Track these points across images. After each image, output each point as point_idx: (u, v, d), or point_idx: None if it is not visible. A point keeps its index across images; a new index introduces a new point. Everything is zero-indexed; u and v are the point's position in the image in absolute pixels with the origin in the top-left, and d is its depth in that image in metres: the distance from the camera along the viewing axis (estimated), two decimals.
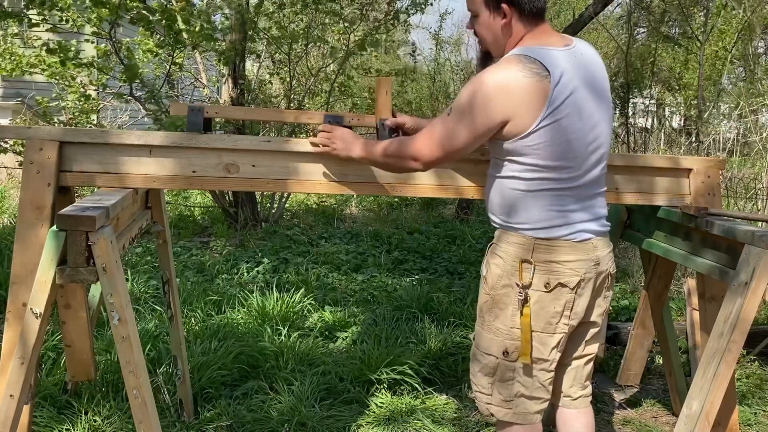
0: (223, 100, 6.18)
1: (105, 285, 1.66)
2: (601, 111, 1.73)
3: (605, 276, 1.80)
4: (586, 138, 1.68)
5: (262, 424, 2.56)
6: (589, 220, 1.74)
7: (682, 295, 4.06)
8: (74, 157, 1.86)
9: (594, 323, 1.86)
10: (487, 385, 1.83)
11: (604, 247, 1.78)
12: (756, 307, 1.83)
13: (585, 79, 1.69)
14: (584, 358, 1.89)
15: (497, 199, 1.77)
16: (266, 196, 6.49)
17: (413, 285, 4.35)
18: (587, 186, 1.73)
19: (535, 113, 1.62)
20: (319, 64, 6.77)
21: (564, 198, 1.70)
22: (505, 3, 1.69)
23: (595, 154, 1.72)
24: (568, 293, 1.72)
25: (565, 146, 1.65)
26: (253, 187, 2.01)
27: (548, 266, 1.70)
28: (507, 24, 1.71)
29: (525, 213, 1.71)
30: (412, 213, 7.39)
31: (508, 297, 1.74)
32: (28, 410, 1.87)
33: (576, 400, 1.91)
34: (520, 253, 1.72)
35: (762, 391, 3.09)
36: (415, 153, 1.74)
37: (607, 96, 1.77)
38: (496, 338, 1.78)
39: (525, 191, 1.70)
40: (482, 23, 1.76)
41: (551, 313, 1.73)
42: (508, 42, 1.74)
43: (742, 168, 6.21)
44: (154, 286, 4.01)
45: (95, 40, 4.95)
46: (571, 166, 1.68)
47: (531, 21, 1.71)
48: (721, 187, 2.36)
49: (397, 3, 6.73)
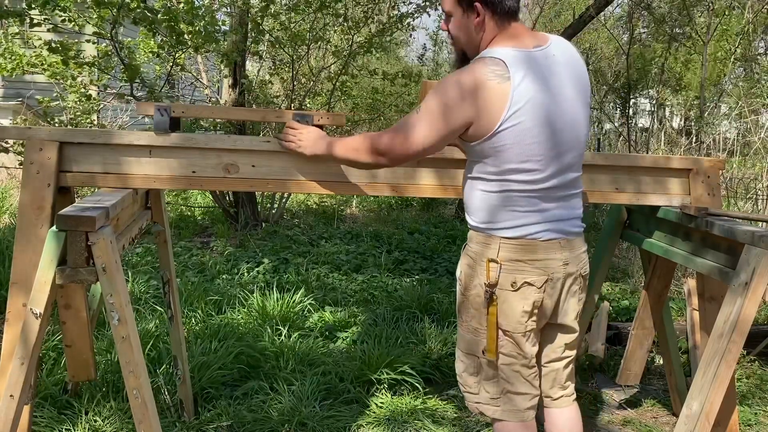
0: (224, 101, 6.18)
1: (105, 285, 1.66)
2: (573, 113, 1.72)
3: (575, 277, 1.80)
4: (552, 140, 1.68)
5: (262, 424, 2.56)
6: (558, 220, 1.74)
7: (682, 295, 4.05)
8: (74, 158, 1.86)
9: (568, 327, 1.85)
10: (473, 384, 1.86)
11: (574, 248, 1.78)
12: (756, 308, 1.83)
13: (554, 81, 1.69)
14: (563, 360, 1.89)
15: (468, 199, 1.80)
16: (266, 196, 6.49)
17: (413, 285, 4.35)
18: (557, 188, 1.73)
19: (496, 115, 1.63)
20: (321, 64, 6.77)
21: (530, 199, 1.70)
22: (478, 2, 1.70)
23: (565, 157, 1.72)
24: (536, 292, 1.73)
25: (528, 149, 1.66)
26: (253, 187, 2.01)
27: (514, 265, 1.72)
28: (480, 23, 1.72)
29: (492, 213, 1.73)
30: (413, 213, 7.40)
31: (479, 297, 1.76)
32: (28, 410, 1.87)
33: (557, 400, 1.91)
34: (487, 252, 1.73)
35: (762, 391, 3.09)
36: (382, 148, 1.73)
37: (583, 97, 1.76)
38: (475, 338, 1.80)
39: (490, 192, 1.72)
40: (456, 23, 1.77)
41: (519, 312, 1.74)
42: (481, 42, 1.74)
43: (742, 168, 6.21)
44: (154, 286, 4.01)
45: (96, 40, 4.95)
46: (536, 169, 1.68)
47: (503, 21, 1.72)
48: (721, 188, 2.35)
49: (401, 7, 6.75)
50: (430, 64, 10.64)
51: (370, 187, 2.02)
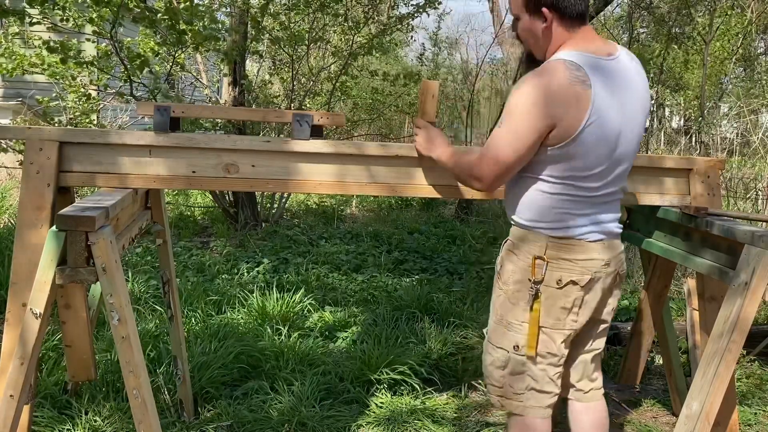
0: (223, 101, 6.18)
1: (105, 285, 1.66)
2: (633, 127, 1.74)
3: (615, 276, 1.84)
4: (613, 151, 1.70)
5: (262, 424, 2.56)
6: (603, 222, 1.78)
7: (682, 295, 4.05)
8: (74, 158, 1.86)
9: (603, 320, 1.91)
10: (498, 378, 1.87)
11: (615, 248, 1.83)
12: (756, 308, 1.83)
13: (623, 94, 1.70)
14: (591, 353, 1.94)
15: (519, 197, 1.79)
16: (266, 196, 6.49)
17: (413, 285, 4.35)
18: (606, 195, 1.77)
19: (577, 121, 1.62)
20: (321, 64, 6.77)
21: (582, 203, 1.73)
22: (545, 7, 1.69)
23: (620, 168, 1.75)
24: (578, 291, 1.76)
25: (595, 158, 1.68)
26: (253, 187, 2.01)
27: (560, 264, 1.74)
28: (548, 28, 1.72)
29: (542, 213, 1.74)
30: (412, 213, 7.40)
31: (519, 292, 1.79)
32: (28, 410, 1.87)
33: (588, 393, 1.95)
34: (534, 250, 1.75)
35: (762, 391, 3.08)
36: (475, 173, 1.74)
37: (644, 113, 1.78)
38: (508, 332, 1.82)
39: (547, 193, 1.73)
40: (523, 26, 1.77)
41: (560, 310, 1.77)
42: (549, 46, 1.74)
43: (742, 168, 6.21)
44: (154, 286, 4.01)
45: (96, 40, 4.95)
46: (595, 175, 1.71)
47: (572, 25, 1.71)
48: (721, 187, 2.36)
49: (402, 7, 6.75)
50: (430, 64, 10.62)
51: (370, 187, 2.02)
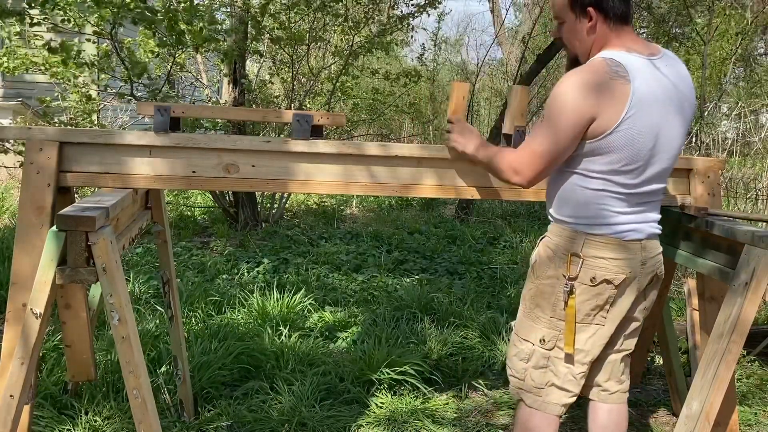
0: (223, 101, 6.18)
1: (105, 285, 1.66)
2: (672, 127, 1.74)
3: (651, 277, 1.85)
4: (651, 149, 1.71)
5: (262, 424, 2.56)
6: (641, 222, 1.79)
7: (682, 295, 4.05)
8: (74, 158, 1.86)
9: (635, 318, 1.91)
10: (520, 369, 1.88)
11: (652, 249, 1.83)
12: (756, 308, 1.83)
13: (663, 91, 1.71)
14: (622, 353, 1.94)
15: (559, 192, 1.81)
16: (266, 196, 6.49)
17: (413, 285, 4.35)
18: (646, 194, 1.78)
19: (616, 114, 1.65)
20: (321, 64, 6.77)
21: (621, 200, 1.74)
22: (590, 6, 1.72)
23: (655, 167, 1.75)
24: (612, 290, 1.77)
25: (635, 153, 1.69)
26: (253, 188, 2.01)
27: (596, 261, 1.75)
28: (592, 27, 1.74)
29: (582, 209, 1.76)
30: (412, 213, 7.40)
31: (551, 287, 1.80)
32: (28, 410, 1.87)
33: (613, 395, 1.95)
34: (571, 246, 1.77)
35: (762, 391, 3.08)
36: (516, 167, 1.76)
37: (686, 115, 1.78)
38: (536, 325, 1.84)
39: (588, 188, 1.74)
40: (568, 28, 1.80)
41: (591, 306, 1.78)
42: (593, 46, 1.77)
43: (742, 168, 6.21)
44: (154, 286, 4.01)
45: (96, 40, 4.95)
46: (633, 171, 1.71)
47: (616, 25, 1.74)
48: (721, 187, 2.36)
49: (402, 7, 6.75)
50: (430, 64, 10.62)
51: (370, 187, 2.02)
